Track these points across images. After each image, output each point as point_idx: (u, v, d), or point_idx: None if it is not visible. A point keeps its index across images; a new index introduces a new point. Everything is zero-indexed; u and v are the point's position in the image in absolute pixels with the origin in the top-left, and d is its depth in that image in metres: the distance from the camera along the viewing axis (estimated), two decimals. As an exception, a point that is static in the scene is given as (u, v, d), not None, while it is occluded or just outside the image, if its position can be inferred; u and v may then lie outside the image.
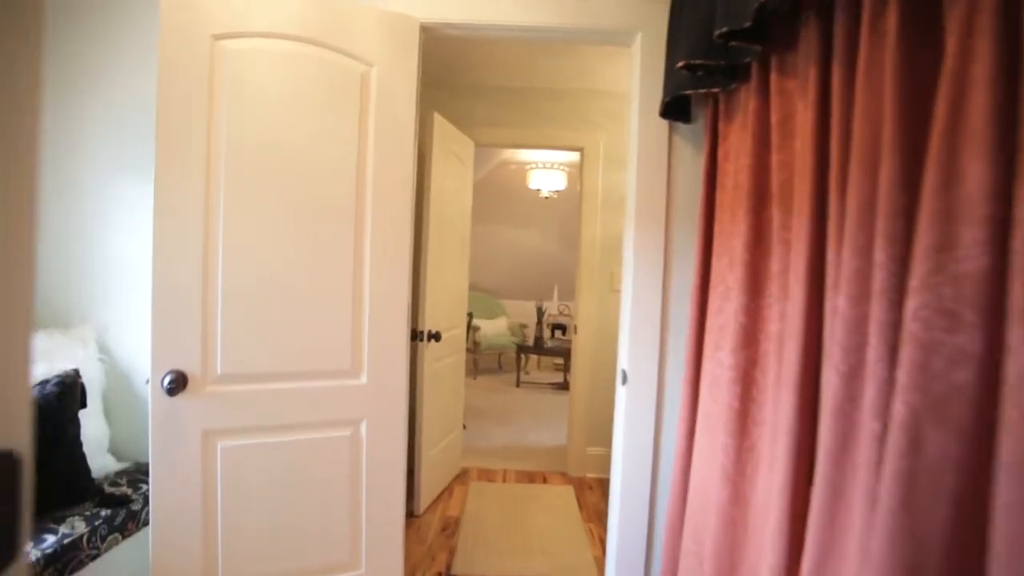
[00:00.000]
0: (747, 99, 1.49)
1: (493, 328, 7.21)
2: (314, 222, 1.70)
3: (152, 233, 1.52)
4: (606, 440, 3.67)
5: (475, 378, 6.88)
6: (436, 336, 2.95)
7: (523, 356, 6.72)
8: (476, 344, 6.78)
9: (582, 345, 3.65)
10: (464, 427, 4.54)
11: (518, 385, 6.54)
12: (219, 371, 1.60)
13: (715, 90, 1.60)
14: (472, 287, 7.71)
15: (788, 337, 1.19)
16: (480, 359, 6.99)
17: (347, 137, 1.74)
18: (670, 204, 1.88)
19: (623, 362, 1.96)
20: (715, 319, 1.62)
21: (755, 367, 1.42)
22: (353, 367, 1.78)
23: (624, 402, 1.93)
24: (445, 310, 3.18)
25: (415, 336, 2.91)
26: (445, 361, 3.25)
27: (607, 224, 3.62)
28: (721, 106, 1.67)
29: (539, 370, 7.59)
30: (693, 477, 1.67)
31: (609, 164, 3.62)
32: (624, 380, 1.93)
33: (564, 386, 6.50)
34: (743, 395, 1.43)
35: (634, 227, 1.90)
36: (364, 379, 1.80)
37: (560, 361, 7.10)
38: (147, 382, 1.53)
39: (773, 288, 1.36)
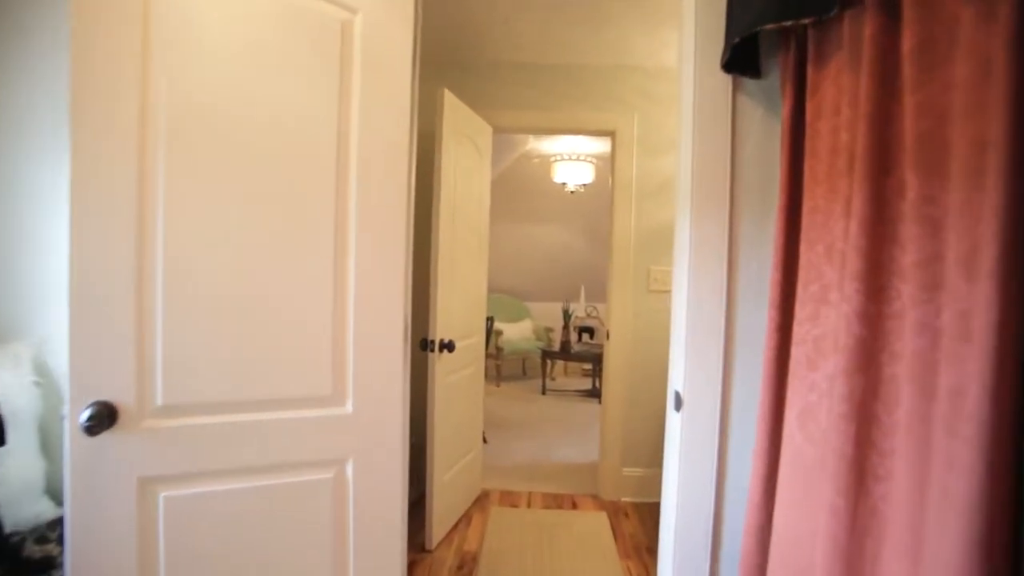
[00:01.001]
0: (858, 26, 1.08)
1: (517, 332, 6.83)
2: (282, 209, 1.33)
3: (69, 223, 1.17)
4: (644, 460, 3.26)
5: (498, 385, 6.50)
6: (449, 346, 2.58)
7: (549, 362, 6.32)
8: (499, 349, 6.40)
9: (615, 352, 3.24)
10: (485, 441, 4.17)
11: (544, 392, 6.15)
12: (159, 401, 1.25)
13: (805, 21, 1.19)
14: (494, 289, 7.35)
15: (958, 363, 0.78)
16: (503, 365, 6.61)
17: (325, 101, 1.37)
18: (735, 181, 1.48)
19: (676, 382, 1.55)
20: (807, 328, 1.21)
21: (876, 399, 1.01)
22: (335, 392, 1.41)
23: (678, 432, 1.53)
24: (460, 316, 2.81)
25: (425, 346, 2.54)
26: (461, 373, 2.87)
27: (643, 216, 3.21)
28: (810, 47, 1.25)
29: (566, 376, 7.18)
30: (777, 537, 1.26)
31: (644, 149, 3.21)
32: (678, 405, 1.53)
33: (593, 393, 6.09)
34: (859, 438, 1.01)
35: (689, 212, 1.50)
36: (349, 407, 1.43)
37: (588, 366, 6.69)
38: (63, 418, 1.18)
39: (905, 288, 0.96)
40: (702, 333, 1.50)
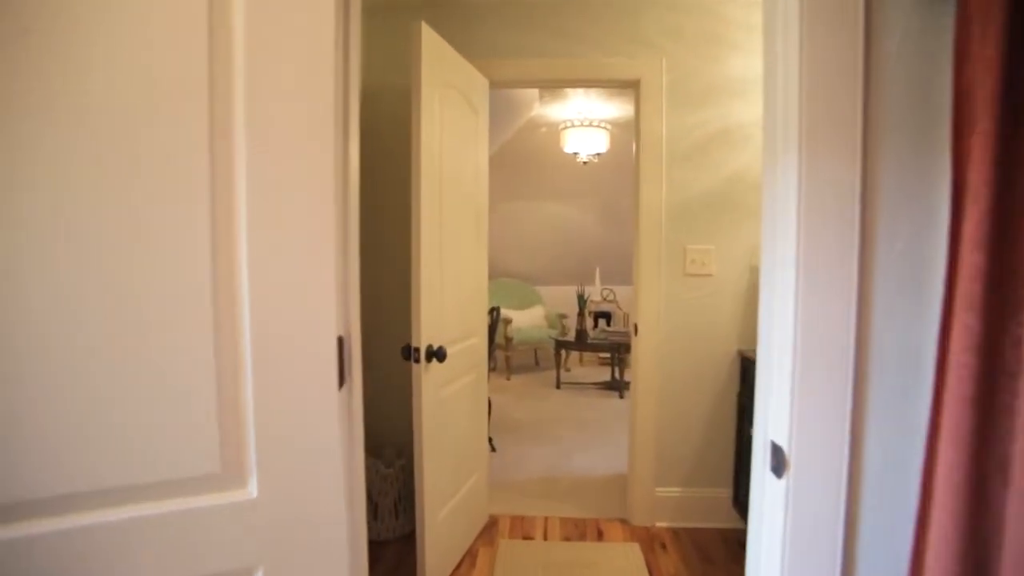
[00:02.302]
0: None
1: (527, 319, 6.27)
2: (120, 173, 0.77)
3: None
4: (681, 477, 2.72)
5: (508, 378, 5.97)
6: (439, 354, 2.03)
7: (563, 352, 5.77)
8: (508, 339, 5.86)
9: (644, 350, 2.68)
10: (493, 449, 3.66)
11: (558, 386, 5.61)
12: None
13: None
14: (501, 273, 6.79)
15: None
16: (513, 356, 6.07)
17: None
18: (871, 99, 0.89)
19: (774, 430, 0.99)
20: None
21: None
22: (228, 468, 0.87)
23: (781, 508, 0.97)
24: (454, 314, 2.25)
25: (408, 356, 2.00)
26: (458, 383, 2.33)
27: (676, 185, 2.62)
28: None
29: (582, 366, 6.63)
30: None
31: (676, 101, 2.60)
32: (778, 466, 0.97)
33: (613, 385, 5.54)
34: None
35: (796, 155, 0.92)
36: (253, 489, 0.89)
37: (607, 355, 6.12)
38: None
39: None
40: (818, 352, 0.93)
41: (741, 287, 2.63)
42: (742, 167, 2.60)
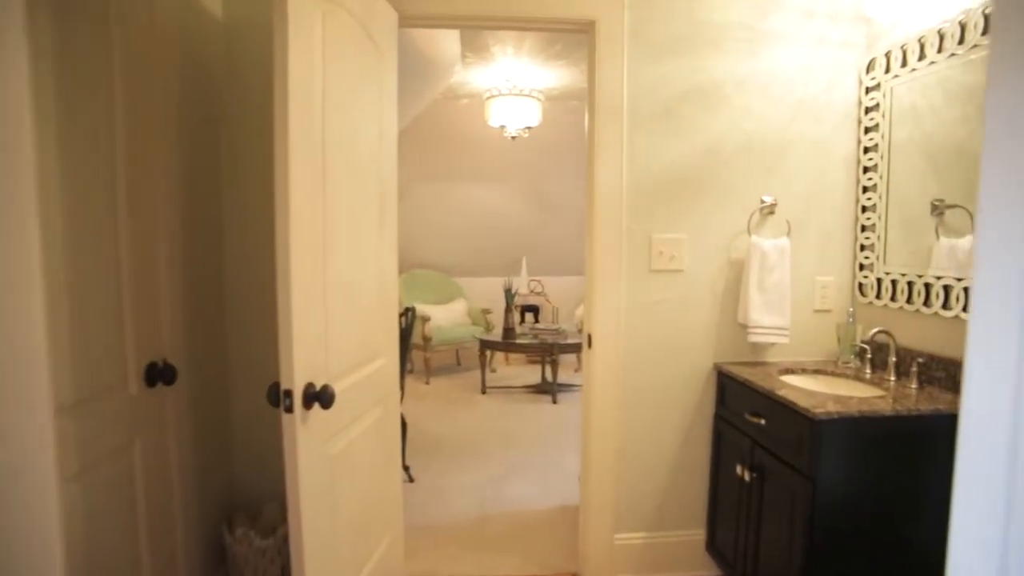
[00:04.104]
0: None
1: (448, 316, 5.63)
2: None
3: None
4: (645, 520, 2.20)
5: (427, 382, 5.32)
6: (322, 397, 1.37)
7: (488, 352, 5.18)
8: (427, 339, 5.20)
9: (602, 368, 2.12)
10: (410, 479, 3.03)
11: (484, 391, 5.01)
12: None
13: None
14: (419, 264, 6.08)
15: None
16: (432, 357, 5.41)
17: None
18: None
19: None
20: None
21: None
22: None
23: None
24: (347, 333, 1.59)
25: (275, 401, 1.32)
26: (358, 427, 1.67)
27: (639, 155, 2.07)
28: None
29: (508, 365, 6.07)
30: None
31: (640, 47, 2.04)
32: None
33: (544, 388, 5.02)
34: None
35: None
36: None
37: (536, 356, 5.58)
38: None
39: None
40: None
41: (719, 286, 2.13)
42: (719, 135, 2.08)
